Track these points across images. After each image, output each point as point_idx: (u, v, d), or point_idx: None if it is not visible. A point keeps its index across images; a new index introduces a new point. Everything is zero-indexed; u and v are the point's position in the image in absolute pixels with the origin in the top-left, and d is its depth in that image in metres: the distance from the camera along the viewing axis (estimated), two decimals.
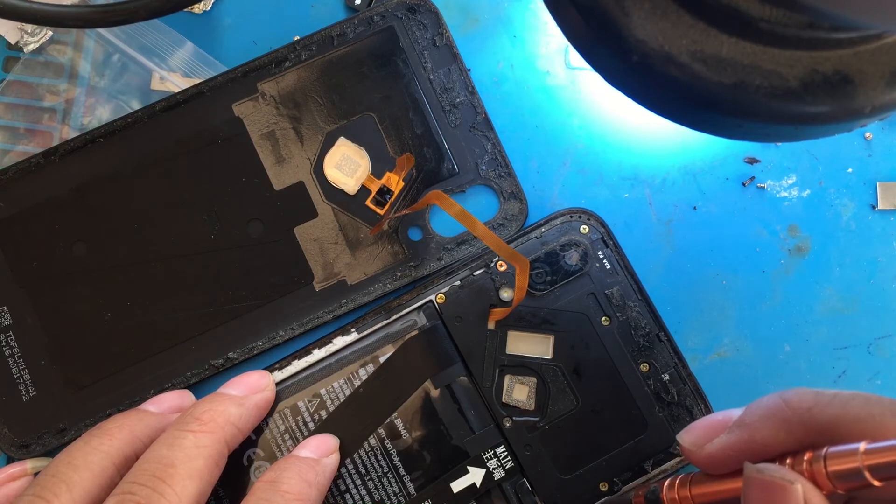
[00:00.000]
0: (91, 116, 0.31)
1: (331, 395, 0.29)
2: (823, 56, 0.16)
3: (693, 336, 0.31)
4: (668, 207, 0.31)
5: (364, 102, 0.31)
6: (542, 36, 0.32)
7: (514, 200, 0.31)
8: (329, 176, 0.31)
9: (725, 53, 0.16)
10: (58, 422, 0.30)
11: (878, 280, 0.31)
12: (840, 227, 0.31)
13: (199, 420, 0.25)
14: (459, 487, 0.28)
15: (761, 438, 0.20)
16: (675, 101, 0.17)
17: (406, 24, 0.31)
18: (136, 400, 0.30)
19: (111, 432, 0.25)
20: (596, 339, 0.29)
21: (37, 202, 0.30)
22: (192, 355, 0.30)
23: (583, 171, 0.31)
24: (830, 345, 0.31)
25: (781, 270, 0.31)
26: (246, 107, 0.31)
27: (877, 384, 0.30)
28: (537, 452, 0.29)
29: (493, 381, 0.29)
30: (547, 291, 0.30)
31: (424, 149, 0.31)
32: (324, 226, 0.30)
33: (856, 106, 0.16)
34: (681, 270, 0.31)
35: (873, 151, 0.31)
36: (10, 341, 0.30)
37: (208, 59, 0.31)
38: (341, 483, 0.28)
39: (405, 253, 0.30)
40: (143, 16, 0.26)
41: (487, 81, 0.32)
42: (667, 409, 0.29)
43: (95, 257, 0.30)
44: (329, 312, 0.30)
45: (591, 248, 0.30)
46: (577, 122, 0.32)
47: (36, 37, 0.31)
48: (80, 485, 0.23)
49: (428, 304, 0.30)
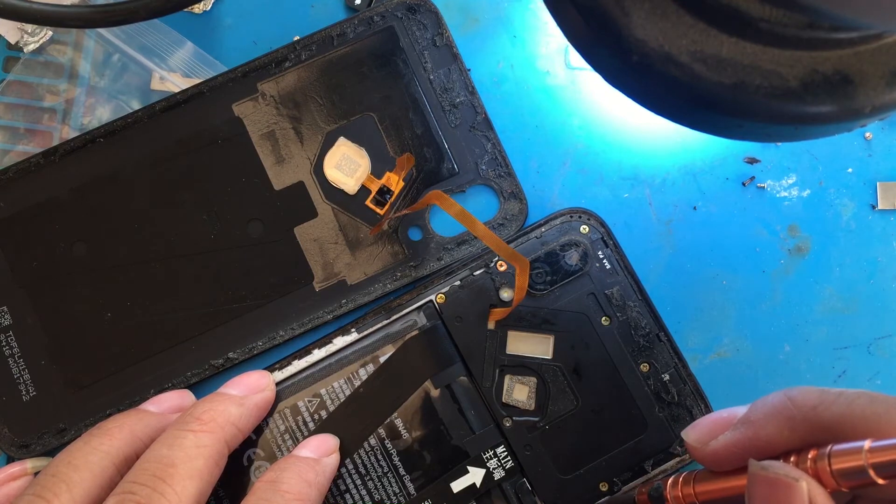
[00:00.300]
0: (91, 116, 0.31)
1: (331, 395, 0.29)
2: (823, 56, 0.16)
3: (693, 336, 0.31)
4: (668, 207, 0.31)
5: (364, 102, 0.31)
6: (542, 36, 0.32)
7: (514, 200, 0.31)
8: (329, 176, 0.31)
9: (725, 53, 0.16)
10: (58, 422, 0.30)
11: (878, 280, 0.31)
12: (840, 227, 0.31)
13: (199, 420, 0.25)
14: (459, 487, 0.28)
15: (766, 436, 0.20)
16: (675, 101, 0.17)
17: (406, 24, 0.31)
18: (136, 400, 0.30)
19: (111, 432, 0.25)
20: (596, 340, 0.29)
21: (37, 202, 0.30)
22: (192, 355, 0.30)
23: (583, 171, 0.31)
24: (830, 345, 0.31)
25: (781, 270, 0.31)
26: (246, 107, 0.31)
27: (877, 384, 0.30)
28: (537, 452, 0.29)
29: (493, 381, 0.29)
30: (547, 291, 0.30)
31: (424, 149, 0.31)
32: (324, 226, 0.30)
33: (856, 106, 0.16)
34: (681, 270, 0.31)
35: (873, 151, 0.31)
36: (10, 341, 0.30)
37: (208, 59, 0.31)
38: (341, 483, 0.28)
39: (405, 253, 0.30)
40: (143, 16, 0.26)
41: (487, 81, 0.32)
42: (667, 409, 0.29)
43: (95, 257, 0.30)
44: (329, 312, 0.30)
45: (591, 248, 0.30)
46: (577, 122, 0.32)
47: (36, 37, 0.31)
48: (80, 485, 0.23)
49: (428, 304, 0.30)
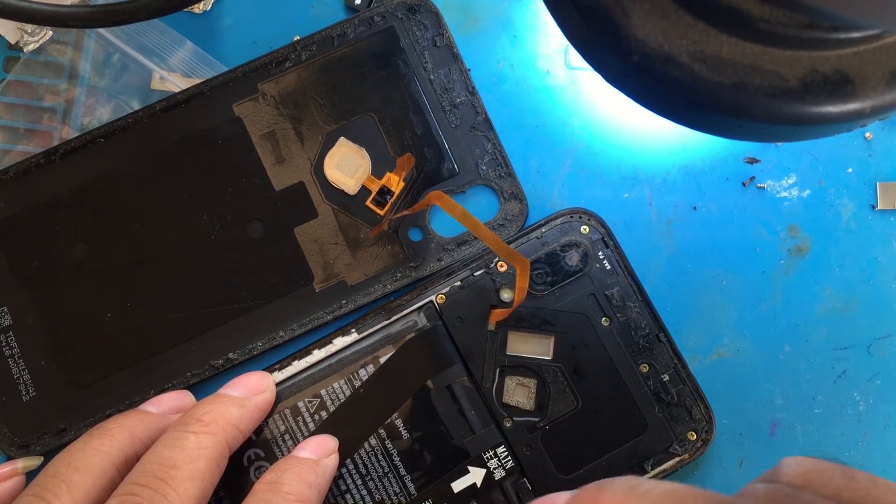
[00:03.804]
0: (91, 116, 0.31)
1: (331, 396, 0.29)
2: (823, 56, 0.16)
3: (693, 336, 0.31)
4: (668, 207, 0.31)
5: (364, 102, 0.31)
6: (542, 36, 0.32)
7: (514, 201, 0.31)
8: (329, 176, 0.31)
9: (725, 53, 0.16)
10: (58, 422, 0.30)
11: (878, 280, 0.31)
12: (840, 227, 0.31)
13: (200, 421, 0.25)
14: (460, 487, 0.28)
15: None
16: (674, 101, 0.17)
17: (406, 24, 0.31)
18: (136, 400, 0.30)
19: (111, 433, 0.25)
20: (596, 340, 0.29)
21: (37, 202, 0.30)
22: (192, 355, 0.30)
23: (583, 171, 0.31)
24: (830, 345, 0.31)
25: (781, 270, 0.31)
26: (246, 107, 0.31)
27: (877, 384, 0.30)
28: (537, 452, 0.29)
29: (493, 381, 0.29)
30: (547, 292, 0.30)
31: (425, 149, 0.31)
32: (324, 226, 0.30)
33: (856, 106, 0.16)
34: (681, 270, 0.31)
35: (873, 151, 0.31)
36: (10, 341, 0.30)
37: (208, 59, 0.31)
38: (342, 483, 0.28)
39: (405, 253, 0.30)
40: (143, 16, 0.26)
41: (487, 81, 0.32)
42: (667, 409, 0.29)
43: (95, 257, 0.30)
44: (329, 313, 0.30)
45: (592, 248, 0.30)
46: (577, 122, 0.32)
47: (36, 37, 0.31)
48: (80, 486, 0.23)
49: (428, 305, 0.30)
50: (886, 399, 0.30)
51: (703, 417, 0.29)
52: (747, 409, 0.30)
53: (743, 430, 0.30)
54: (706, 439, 0.29)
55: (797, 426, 0.30)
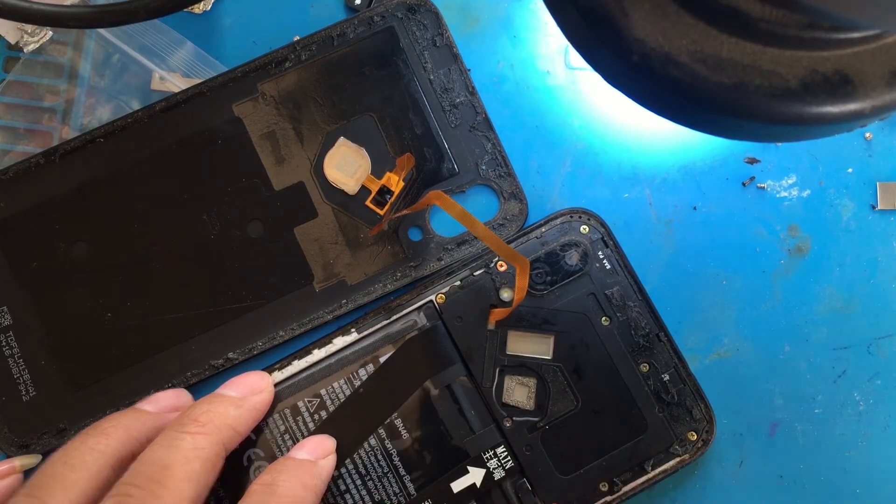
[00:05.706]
0: (91, 116, 0.31)
1: (331, 396, 0.29)
2: (823, 56, 0.16)
3: (693, 336, 0.31)
4: (668, 207, 0.31)
5: (364, 103, 0.31)
6: (542, 36, 0.32)
7: (514, 200, 0.31)
8: (329, 176, 0.30)
9: (725, 53, 0.16)
10: (58, 422, 0.30)
11: (878, 280, 0.31)
12: (840, 227, 0.31)
13: (197, 421, 0.25)
14: (459, 487, 0.28)
15: None
16: (674, 101, 0.17)
17: (406, 24, 0.31)
18: (136, 400, 0.29)
19: (107, 432, 0.25)
20: (596, 340, 0.29)
21: (37, 202, 0.30)
22: (192, 355, 0.30)
23: (583, 170, 0.31)
24: (830, 345, 0.31)
25: (781, 270, 0.31)
26: (246, 107, 0.31)
27: (877, 384, 0.30)
28: (537, 452, 0.29)
29: (493, 381, 0.29)
30: (547, 291, 0.30)
31: (424, 149, 0.31)
32: (324, 226, 0.30)
33: (856, 106, 0.16)
34: (681, 270, 0.31)
35: (873, 151, 0.31)
36: (10, 341, 0.30)
37: (208, 59, 0.31)
38: (341, 483, 0.28)
39: (405, 253, 0.30)
40: (143, 16, 0.26)
41: (487, 81, 0.32)
42: (667, 409, 0.29)
43: (95, 257, 0.30)
44: (329, 313, 0.30)
45: (591, 248, 0.30)
46: (577, 122, 0.31)
47: (36, 37, 0.31)
48: (76, 485, 0.23)
49: (428, 305, 0.30)
50: (886, 399, 0.30)
51: (704, 417, 0.29)
52: (747, 409, 0.30)
53: (743, 430, 0.30)
54: (707, 439, 0.29)
55: (797, 426, 0.30)
